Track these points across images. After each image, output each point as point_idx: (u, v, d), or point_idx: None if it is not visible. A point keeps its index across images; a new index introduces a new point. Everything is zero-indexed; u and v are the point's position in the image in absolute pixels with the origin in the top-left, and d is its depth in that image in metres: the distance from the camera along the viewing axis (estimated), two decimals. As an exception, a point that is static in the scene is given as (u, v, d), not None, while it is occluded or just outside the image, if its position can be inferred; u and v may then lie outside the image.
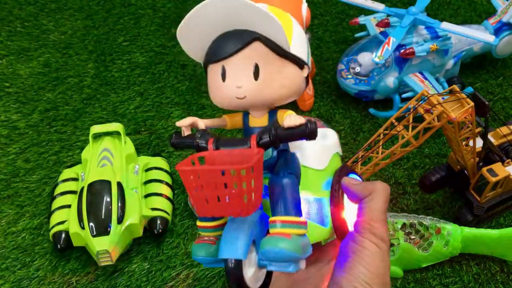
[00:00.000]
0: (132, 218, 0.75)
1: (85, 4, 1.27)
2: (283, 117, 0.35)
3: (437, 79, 0.97)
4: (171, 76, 1.07)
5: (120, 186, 0.77)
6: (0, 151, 0.94)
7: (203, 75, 0.36)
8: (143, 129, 0.96)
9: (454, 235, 0.71)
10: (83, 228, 0.73)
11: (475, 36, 0.89)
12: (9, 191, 0.87)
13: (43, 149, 0.94)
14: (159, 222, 0.77)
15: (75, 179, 0.83)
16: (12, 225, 0.82)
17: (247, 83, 0.34)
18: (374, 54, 0.89)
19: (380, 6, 0.96)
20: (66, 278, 0.75)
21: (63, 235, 0.75)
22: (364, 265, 0.34)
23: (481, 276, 0.73)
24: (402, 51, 0.91)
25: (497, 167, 0.72)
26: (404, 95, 0.95)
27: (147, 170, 0.84)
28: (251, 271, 0.34)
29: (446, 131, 0.68)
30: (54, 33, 1.19)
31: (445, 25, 0.89)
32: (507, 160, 0.75)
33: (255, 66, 0.34)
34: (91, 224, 0.73)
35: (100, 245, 0.71)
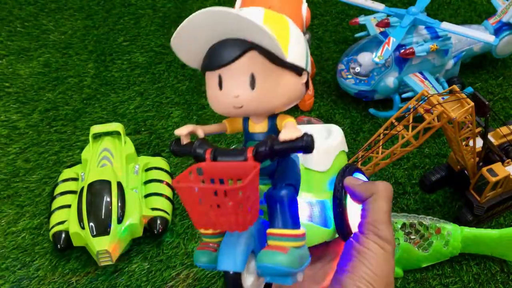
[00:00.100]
0: (132, 218, 0.75)
1: (85, 4, 1.27)
2: (282, 123, 0.35)
3: (437, 79, 0.97)
4: (171, 76, 1.07)
5: (120, 186, 0.77)
6: (0, 151, 0.94)
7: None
8: (143, 129, 0.96)
9: (454, 235, 0.71)
10: (83, 228, 0.73)
11: (475, 36, 0.89)
12: (9, 191, 0.87)
13: (43, 149, 0.94)
14: (159, 222, 0.77)
15: (75, 179, 0.83)
16: (12, 225, 0.82)
17: (243, 93, 0.33)
18: (374, 54, 0.89)
19: (380, 6, 0.96)
20: (66, 278, 0.75)
21: (63, 235, 0.75)
22: (367, 266, 0.34)
23: (481, 276, 0.73)
24: (402, 51, 0.91)
25: (497, 167, 0.72)
26: (404, 95, 0.95)
27: (147, 170, 0.84)
28: (250, 280, 0.34)
29: (446, 131, 0.68)
30: (54, 33, 1.19)
31: (445, 25, 0.89)
32: (507, 160, 0.75)
33: (251, 75, 0.33)
34: (91, 224, 0.73)
35: (100, 245, 0.71)
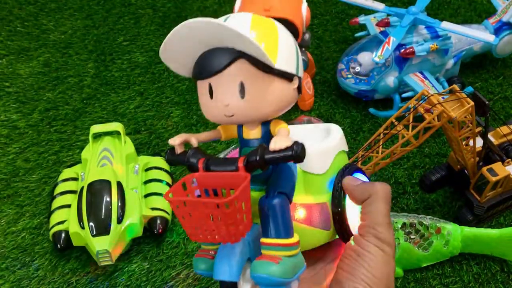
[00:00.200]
0: (132, 218, 0.75)
1: (85, 4, 1.27)
2: (275, 129, 0.35)
3: (437, 79, 0.97)
4: (171, 76, 1.07)
5: (120, 186, 0.77)
6: (0, 151, 0.94)
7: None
8: (143, 129, 0.96)
9: (454, 234, 0.71)
10: (83, 228, 0.73)
11: (475, 35, 0.89)
12: (9, 191, 0.87)
13: (43, 149, 0.94)
14: (159, 222, 0.77)
15: (75, 179, 0.83)
16: (12, 225, 0.82)
17: (233, 102, 0.33)
18: (374, 53, 0.89)
19: (380, 6, 0.96)
20: (66, 278, 0.75)
21: (63, 235, 0.75)
22: (367, 268, 0.34)
23: (481, 276, 0.73)
24: (402, 50, 0.91)
25: (497, 166, 0.72)
26: (404, 95, 0.95)
27: (147, 170, 0.84)
28: (247, 287, 0.34)
29: (446, 130, 0.68)
30: (54, 33, 1.19)
31: (445, 24, 0.89)
32: (507, 160, 0.74)
33: (241, 84, 0.33)
34: (91, 224, 0.73)
35: (100, 245, 0.71)
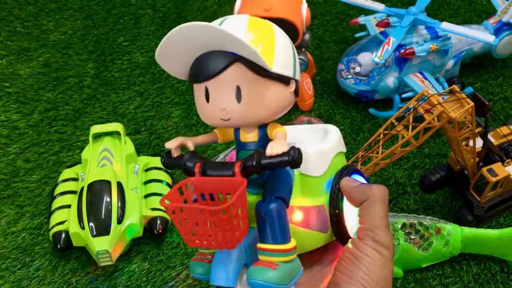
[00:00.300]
0: (132, 218, 0.75)
1: (85, 4, 1.27)
2: (272, 133, 0.34)
3: (437, 79, 0.97)
4: (171, 76, 1.05)
5: (120, 186, 0.77)
6: (0, 151, 0.94)
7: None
8: (143, 129, 0.96)
9: (454, 235, 0.71)
10: (83, 228, 0.73)
11: (475, 36, 0.89)
12: (9, 191, 0.87)
13: (43, 149, 0.94)
14: (159, 222, 0.77)
15: (75, 179, 0.83)
16: (12, 225, 0.82)
17: (230, 106, 0.33)
18: (374, 54, 0.89)
19: (380, 6, 0.96)
20: (66, 278, 0.75)
21: (63, 235, 0.75)
22: (365, 271, 0.34)
23: (481, 276, 0.73)
24: (402, 51, 0.91)
25: (497, 167, 0.72)
26: (404, 95, 0.95)
27: (147, 170, 0.84)
28: None
29: (446, 131, 0.68)
30: (54, 33, 1.19)
31: (445, 25, 0.89)
32: (507, 160, 0.75)
33: (237, 88, 0.33)
34: (91, 224, 0.73)
35: (100, 245, 0.71)
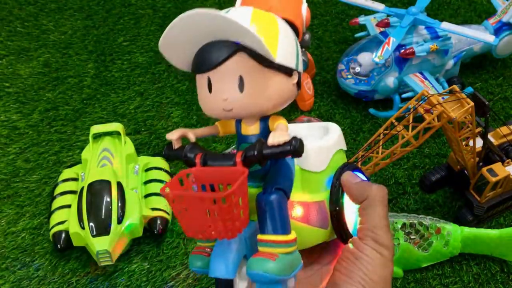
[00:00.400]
0: (132, 218, 0.75)
1: (85, 4, 1.27)
2: (274, 125, 0.34)
3: (437, 79, 0.97)
4: (171, 76, 1.07)
5: (120, 186, 0.77)
6: (0, 151, 0.94)
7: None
8: (143, 129, 0.96)
9: (454, 235, 0.71)
10: (83, 228, 0.73)
11: (475, 36, 0.89)
12: (9, 191, 0.87)
13: (43, 149, 0.94)
14: (159, 222, 0.77)
15: (75, 179, 0.83)
16: (12, 225, 0.82)
17: (232, 96, 0.33)
18: (374, 54, 0.89)
19: (380, 6, 0.96)
20: (66, 278, 0.75)
21: (63, 235, 0.75)
22: (364, 271, 0.34)
23: (481, 276, 0.73)
24: (402, 51, 0.91)
25: (497, 167, 0.72)
26: (404, 95, 0.95)
27: (147, 170, 0.84)
28: (243, 285, 0.34)
29: (446, 131, 0.68)
30: (54, 33, 1.19)
31: (445, 25, 0.89)
32: (507, 160, 0.75)
33: (240, 78, 0.33)
34: (91, 224, 0.73)
35: (100, 245, 0.71)
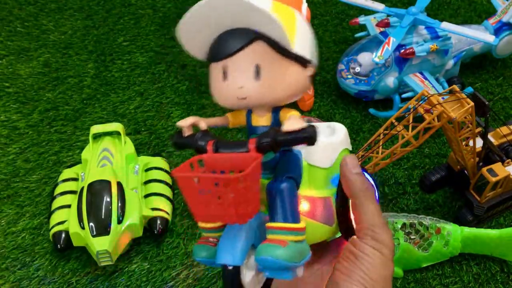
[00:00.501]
0: (132, 218, 0.75)
1: (85, 4, 1.27)
2: (286, 116, 0.34)
3: (437, 79, 0.97)
4: (171, 76, 1.07)
5: (120, 186, 0.77)
6: (0, 151, 0.94)
7: (203, 75, 0.36)
8: (143, 129, 0.96)
9: (454, 235, 0.71)
10: (83, 228, 0.73)
11: (475, 36, 0.89)
12: (9, 191, 0.87)
13: (43, 149, 0.94)
14: (159, 222, 0.77)
15: (75, 179, 0.83)
16: (12, 225, 0.82)
17: (248, 84, 0.33)
18: (374, 54, 0.89)
19: (380, 6, 0.96)
20: (66, 278, 0.75)
21: (63, 235, 0.75)
22: (364, 270, 0.34)
23: (481, 276, 0.73)
24: (402, 51, 0.91)
25: (497, 167, 0.72)
26: (404, 95, 0.95)
27: (147, 170, 0.84)
28: (249, 275, 0.33)
29: (446, 131, 0.68)
30: (54, 33, 1.19)
31: (445, 25, 0.89)
32: (507, 160, 0.75)
33: (256, 66, 0.33)
34: (91, 224, 0.73)
35: (100, 245, 0.71)
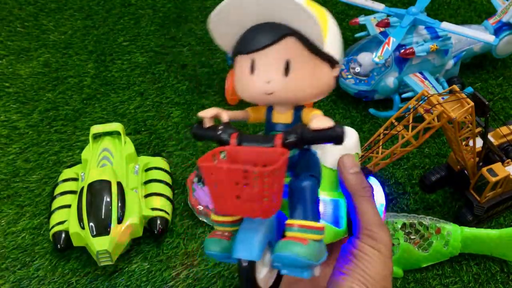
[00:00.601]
0: (132, 218, 0.75)
1: (85, 4, 1.27)
2: (308, 116, 0.34)
3: (437, 79, 0.97)
4: (171, 76, 1.07)
5: (120, 186, 0.77)
6: (0, 151, 0.94)
7: (203, 75, 0.36)
8: (143, 129, 0.96)
9: (454, 235, 0.71)
10: (83, 228, 0.73)
11: (475, 36, 0.89)
12: (9, 191, 0.87)
13: (43, 149, 0.94)
14: (159, 222, 0.77)
15: (75, 179, 0.83)
16: (12, 225, 0.82)
17: (276, 79, 0.33)
18: (374, 54, 0.89)
19: (380, 6, 0.96)
20: (66, 278, 0.75)
21: (63, 235, 0.75)
22: (364, 269, 0.34)
23: (481, 276, 0.73)
24: (402, 51, 0.91)
25: (497, 167, 0.72)
26: (404, 95, 0.95)
27: (147, 170, 0.84)
28: (263, 272, 0.33)
29: (446, 131, 0.68)
30: (54, 33, 1.19)
31: (445, 25, 0.89)
32: (507, 160, 0.75)
33: (286, 62, 0.33)
34: (91, 224, 0.73)
35: (100, 245, 0.71)
